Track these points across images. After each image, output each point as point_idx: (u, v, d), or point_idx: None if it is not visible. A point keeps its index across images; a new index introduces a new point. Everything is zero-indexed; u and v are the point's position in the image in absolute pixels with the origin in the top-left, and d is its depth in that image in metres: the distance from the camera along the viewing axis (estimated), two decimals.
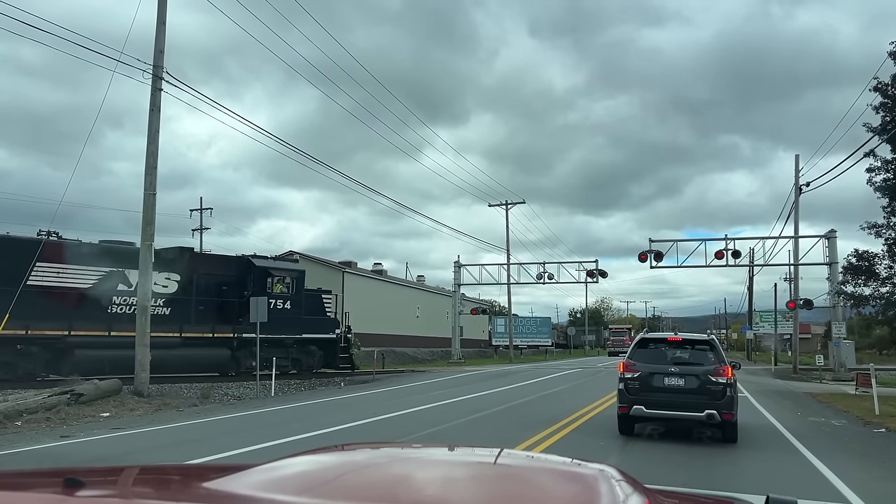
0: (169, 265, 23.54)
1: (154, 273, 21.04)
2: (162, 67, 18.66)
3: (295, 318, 26.97)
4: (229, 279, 25.85)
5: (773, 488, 2.68)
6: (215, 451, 10.14)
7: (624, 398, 12.20)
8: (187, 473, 2.21)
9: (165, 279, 23.40)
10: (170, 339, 22.65)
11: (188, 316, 23.70)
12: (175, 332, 23.10)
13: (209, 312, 24.73)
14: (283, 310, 26.40)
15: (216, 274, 25.59)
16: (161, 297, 22.87)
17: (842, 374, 33.28)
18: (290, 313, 26.75)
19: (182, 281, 23.84)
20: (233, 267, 26.43)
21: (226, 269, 26.17)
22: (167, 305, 23.29)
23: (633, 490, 1.86)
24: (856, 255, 25.73)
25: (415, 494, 1.75)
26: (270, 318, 23.98)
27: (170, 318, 23.12)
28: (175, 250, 25.13)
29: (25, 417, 13.69)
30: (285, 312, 26.46)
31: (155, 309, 21.50)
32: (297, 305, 27.19)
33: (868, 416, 16.37)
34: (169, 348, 22.30)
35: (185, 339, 23.33)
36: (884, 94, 22.88)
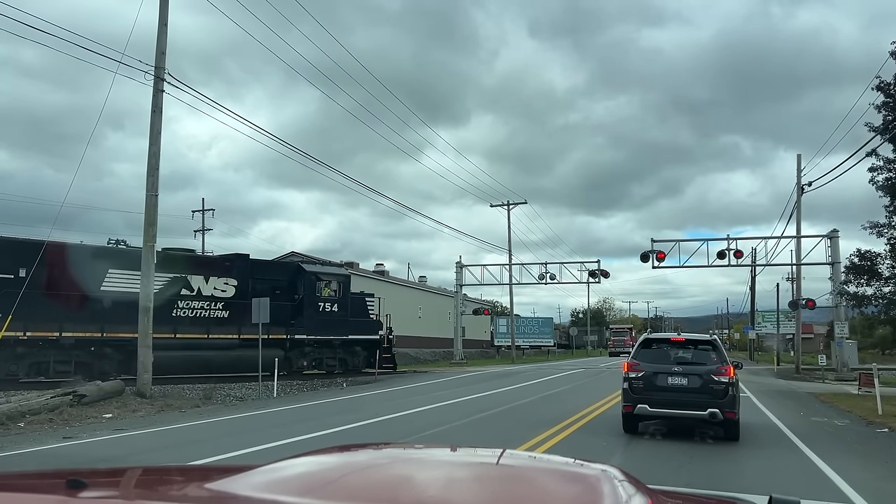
0: (227, 271, 25.47)
1: (213, 278, 24.40)
2: (164, 69, 18.68)
3: (342, 321, 28.58)
4: (281, 284, 27.13)
5: (775, 488, 2.68)
6: (218, 452, 10.14)
7: (628, 397, 12.41)
8: (190, 474, 2.21)
9: (224, 284, 25.14)
10: (230, 341, 24.49)
11: (245, 319, 24.27)
12: (234, 335, 24.70)
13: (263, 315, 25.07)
14: (330, 312, 28.10)
15: (269, 279, 26.84)
16: (220, 301, 24.71)
17: (844, 373, 33.24)
18: (337, 316, 28.39)
19: (239, 285, 25.39)
20: (284, 272, 28.17)
21: (278, 275, 27.70)
22: (226, 309, 24.88)
23: (635, 490, 1.85)
24: (858, 255, 25.68)
25: (417, 495, 1.75)
26: (320, 320, 27.29)
27: (228, 321, 24.74)
28: (233, 256, 27.00)
29: (28, 418, 13.71)
30: (333, 315, 28.17)
31: (215, 312, 24.36)
32: (343, 308, 28.77)
33: (871, 416, 16.34)
34: (229, 349, 24.27)
35: (242, 341, 24.58)
36: (886, 94, 22.82)
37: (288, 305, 26.41)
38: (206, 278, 24.66)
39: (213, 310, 24.43)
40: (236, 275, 25.62)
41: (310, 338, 27.20)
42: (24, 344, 19.91)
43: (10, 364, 19.91)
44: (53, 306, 20.23)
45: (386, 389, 22.44)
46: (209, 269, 25.38)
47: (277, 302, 25.45)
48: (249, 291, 25.13)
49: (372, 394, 21.08)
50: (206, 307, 24.52)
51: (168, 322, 22.56)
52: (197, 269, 24.42)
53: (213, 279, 24.69)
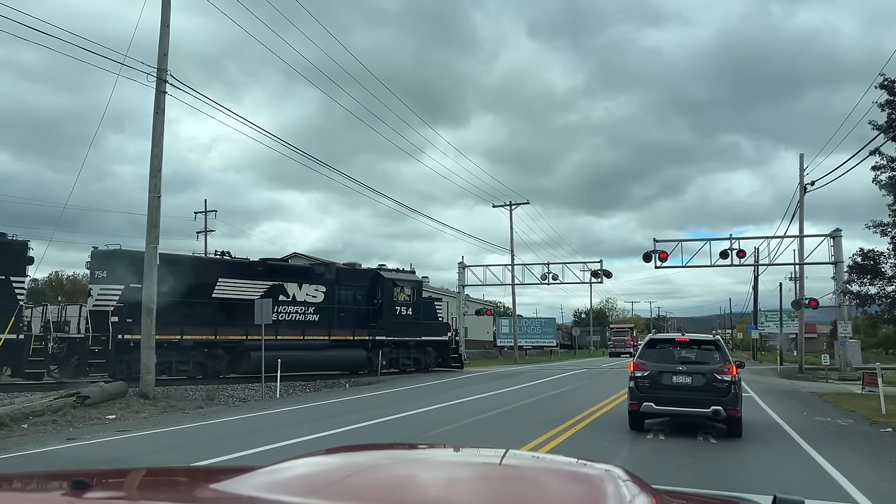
0: (317, 278, 28.15)
1: (305, 285, 27.27)
2: (166, 70, 18.70)
3: (415, 323, 31.31)
4: (362, 289, 29.97)
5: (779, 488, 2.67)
6: (221, 453, 10.15)
7: (634, 395, 12.74)
8: (193, 475, 2.21)
9: (315, 290, 27.73)
10: (321, 342, 27.16)
11: (333, 322, 27.82)
12: (324, 336, 27.47)
13: (349, 318, 28.89)
14: (405, 316, 30.83)
15: (352, 285, 29.73)
16: (312, 306, 27.47)
17: (847, 373, 33.17)
18: (412, 319, 31.10)
19: (327, 292, 28.07)
20: (365, 279, 30.64)
21: (359, 281, 30.29)
22: (317, 313, 27.61)
23: (639, 490, 1.85)
24: (861, 254, 25.58)
25: (420, 496, 1.75)
26: (397, 323, 30.12)
27: (319, 324, 27.48)
28: (322, 265, 30.19)
29: (32, 420, 13.73)
30: (408, 318, 30.91)
31: (308, 316, 27.28)
32: (416, 312, 31.50)
33: (874, 416, 16.31)
34: (320, 350, 26.91)
35: (332, 342, 27.59)
36: (890, 92, 22.75)
37: (369, 309, 29.55)
38: (299, 285, 27.29)
39: (306, 314, 27.35)
40: (324, 282, 28.24)
41: (388, 339, 29.96)
42: None
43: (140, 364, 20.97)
44: (175, 312, 22.11)
45: (389, 390, 22.44)
46: (302, 277, 27.90)
47: (359, 306, 29.44)
48: (336, 297, 28.21)
49: (375, 395, 21.07)
50: (301, 311, 27.27)
51: (270, 325, 24.16)
52: (292, 277, 27.27)
53: (306, 286, 27.47)
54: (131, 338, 21.32)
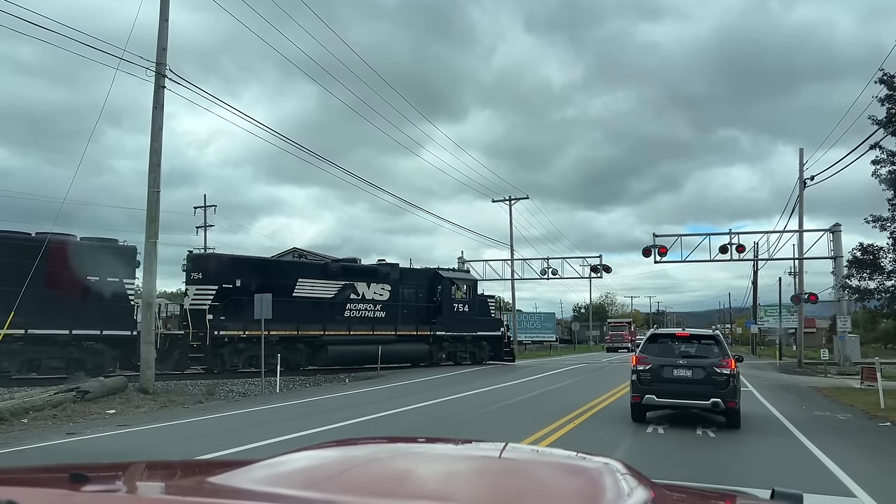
0: (383, 277, 30.19)
1: (374, 284, 29.46)
2: (165, 65, 18.66)
3: (471, 319, 33.43)
4: (423, 288, 32.18)
5: (778, 482, 2.68)
6: (221, 447, 10.16)
7: (637, 388, 13.17)
8: (192, 469, 2.21)
9: (381, 289, 29.84)
10: (388, 337, 29.32)
11: (398, 318, 30.09)
12: (391, 331, 29.65)
13: (411, 315, 30.98)
14: (462, 312, 32.97)
15: (414, 284, 31.86)
16: (379, 304, 29.67)
17: (846, 368, 33.22)
18: (468, 315, 33.18)
19: (392, 290, 30.17)
20: (425, 278, 32.91)
21: (420, 280, 32.55)
22: (383, 310, 29.78)
23: (638, 483, 1.85)
24: (861, 249, 25.59)
25: (419, 489, 1.75)
26: (455, 319, 32.36)
27: (385, 320, 29.65)
28: (387, 265, 31.52)
29: (32, 415, 13.74)
30: (465, 314, 33.06)
31: (376, 312, 29.47)
32: (472, 308, 33.60)
33: (873, 410, 16.34)
34: (387, 344, 28.89)
35: (398, 337, 29.84)
36: (889, 87, 22.73)
37: (430, 307, 31.80)
38: (368, 284, 29.46)
39: (374, 311, 29.55)
40: (390, 281, 30.31)
41: (448, 334, 32.22)
42: (244, 341, 24.56)
43: (234, 357, 24.70)
44: None
45: (388, 385, 22.46)
46: (370, 276, 29.97)
47: (420, 304, 31.65)
48: (400, 295, 30.46)
49: (375, 389, 21.09)
50: (370, 309, 29.46)
51: (343, 321, 28.00)
52: (361, 277, 29.49)
53: (374, 285, 29.64)
54: (226, 333, 24.30)
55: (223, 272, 25.19)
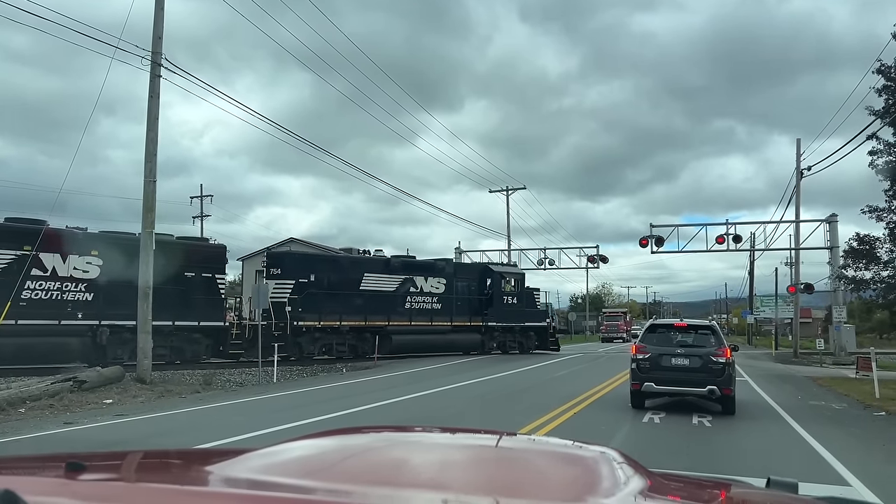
0: (439, 272, 32.58)
1: (430, 278, 31.76)
2: (161, 54, 18.56)
3: (520, 311, 35.19)
4: (474, 281, 34.34)
5: (773, 471, 2.69)
6: (218, 436, 10.18)
7: (636, 376, 13.73)
8: (189, 457, 2.21)
9: (437, 282, 32.13)
10: (444, 327, 31.77)
11: (453, 310, 32.27)
12: (447, 322, 31.91)
13: (465, 307, 33.07)
14: (511, 304, 34.75)
15: (466, 278, 34.15)
16: (435, 296, 31.91)
17: (842, 358, 33.35)
18: (517, 307, 34.96)
19: (447, 284, 32.40)
20: (476, 272, 35.52)
21: (471, 274, 35.07)
22: (439, 302, 31.97)
23: (634, 472, 1.86)
24: (857, 239, 25.67)
25: (416, 478, 1.75)
26: (504, 310, 34.19)
27: (441, 312, 31.85)
28: (442, 261, 34.52)
29: (29, 404, 13.75)
30: (514, 306, 34.83)
31: (433, 304, 31.69)
32: (520, 301, 35.36)
33: (868, 400, 16.43)
34: (443, 334, 31.57)
35: (453, 327, 32.17)
36: (887, 77, 22.74)
37: (482, 299, 33.84)
38: (425, 278, 31.71)
39: (431, 303, 31.69)
40: (444, 275, 32.60)
41: (498, 325, 34.13)
42: (319, 331, 27.28)
43: (310, 345, 27.15)
44: (334, 302, 27.51)
45: (385, 375, 22.49)
46: (427, 271, 32.25)
47: (472, 296, 33.72)
48: (454, 288, 32.65)
49: (372, 379, 21.13)
50: (427, 301, 31.61)
51: (405, 313, 30.43)
52: (420, 272, 31.73)
53: (430, 279, 31.90)
54: (303, 324, 26.62)
55: (299, 268, 27.67)
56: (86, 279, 21.46)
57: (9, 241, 20.10)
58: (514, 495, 1.57)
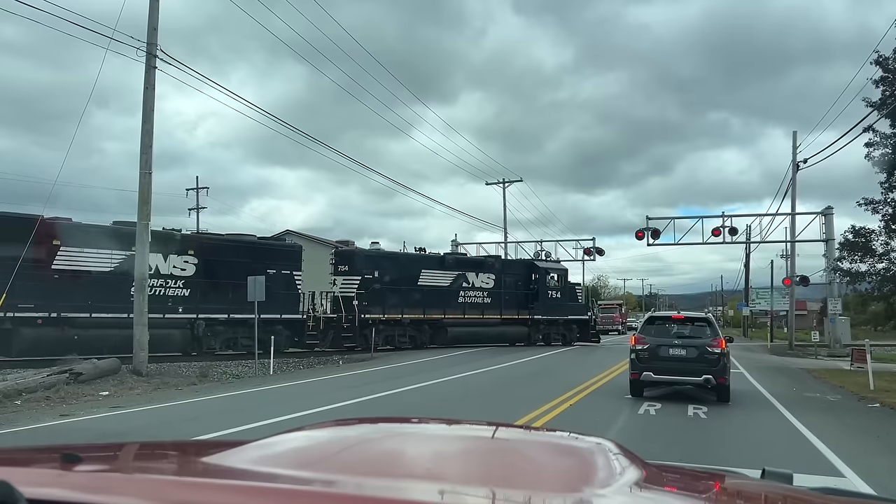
0: (489, 268, 34.81)
1: (481, 274, 33.97)
2: (156, 45, 18.44)
3: (563, 305, 36.94)
4: (521, 277, 36.06)
5: (768, 462, 2.70)
6: (215, 428, 10.19)
7: (635, 366, 14.26)
8: (185, 449, 2.21)
9: (487, 278, 34.24)
10: (494, 320, 33.86)
11: (502, 304, 34.33)
12: (497, 315, 34.03)
13: (512, 301, 34.89)
14: (555, 298, 36.51)
15: (513, 273, 36.01)
16: (485, 291, 34.01)
17: (837, 350, 33.48)
18: (560, 301, 36.71)
19: (496, 279, 34.49)
20: (522, 267, 37.30)
21: (518, 270, 36.80)
22: (489, 296, 34.08)
23: (630, 463, 1.86)
24: (853, 232, 25.73)
25: (412, 469, 1.75)
26: (549, 304, 36.08)
27: (491, 306, 34.00)
28: (492, 258, 37.44)
29: (25, 396, 13.73)
30: (557, 300, 36.57)
31: (483, 299, 33.81)
32: (564, 295, 37.04)
33: (863, 392, 16.51)
34: (493, 326, 33.63)
35: (503, 320, 34.20)
36: (884, 68, 22.73)
37: (528, 293, 35.63)
38: (476, 274, 33.83)
39: (482, 297, 33.87)
40: (494, 271, 34.68)
41: (543, 318, 35.79)
42: (383, 323, 29.57)
43: (375, 337, 28.37)
44: (396, 297, 29.97)
45: (381, 367, 22.52)
46: (478, 267, 34.52)
47: (518, 291, 35.57)
48: (502, 283, 34.60)
49: (368, 371, 21.15)
50: (478, 295, 33.75)
51: (459, 307, 32.64)
52: (471, 268, 34.12)
53: (481, 275, 34.02)
54: (370, 317, 28.78)
55: (364, 264, 29.98)
56: (183, 277, 23.66)
57: (119, 242, 21.72)
58: (510, 486, 1.57)
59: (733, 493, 2.09)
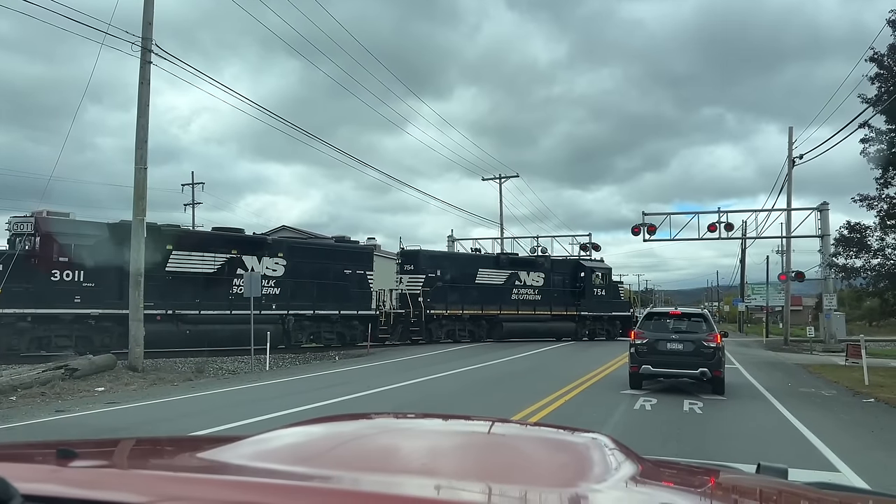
0: (539, 267, 37.30)
1: (532, 273, 36.49)
2: (151, 40, 18.38)
3: (607, 302, 39.03)
4: (568, 275, 38.44)
5: (763, 457, 2.72)
6: (211, 424, 10.18)
7: (635, 359, 14.89)
8: (180, 444, 2.21)
9: (538, 276, 36.77)
10: (545, 316, 36.31)
11: (551, 300, 36.68)
12: (547, 311, 36.39)
13: (560, 298, 37.31)
14: (600, 296, 38.64)
15: (561, 272, 38.35)
16: (536, 289, 36.57)
17: (832, 345, 33.60)
18: (605, 298, 38.82)
19: (545, 278, 37.07)
20: (569, 267, 39.45)
21: (565, 269, 38.97)
22: (539, 294, 36.58)
23: (625, 458, 1.86)
24: (848, 227, 25.80)
25: (408, 464, 1.75)
26: (594, 301, 38.24)
27: (542, 302, 36.43)
28: (541, 257, 39.31)
29: (20, 392, 13.70)
30: (602, 298, 38.69)
31: (532, 296, 36.29)
32: (608, 293, 39.23)
33: (858, 387, 16.56)
34: (544, 322, 36.16)
35: (553, 316, 36.57)
36: (880, 65, 22.77)
37: (575, 291, 37.99)
38: (528, 273, 36.35)
39: (533, 294, 36.37)
40: (543, 270, 37.18)
41: (589, 314, 37.96)
42: (446, 318, 32.65)
43: (438, 331, 32.24)
44: (456, 294, 32.81)
45: (378, 363, 22.53)
46: (530, 266, 36.92)
47: (565, 288, 37.97)
48: (551, 281, 37.22)
49: (365, 367, 21.15)
50: (530, 293, 36.27)
51: (512, 303, 35.13)
52: (523, 267, 36.59)
53: (532, 273, 36.55)
54: (434, 312, 31.87)
55: (428, 264, 32.80)
56: (274, 277, 25.98)
57: (221, 246, 24.65)
58: (506, 481, 1.57)
59: (728, 487, 2.09)
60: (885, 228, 24.60)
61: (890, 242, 24.70)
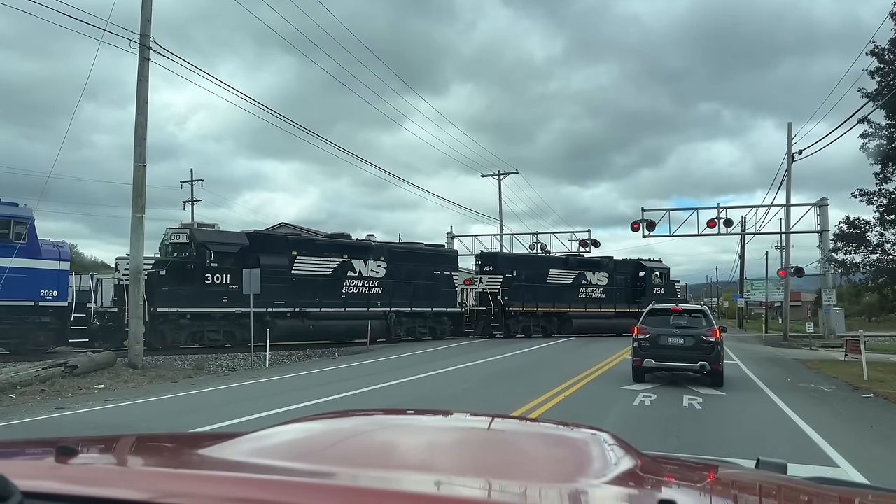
0: (603, 267, 40.02)
1: (597, 273, 39.46)
2: (149, 37, 18.35)
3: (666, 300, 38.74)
4: (629, 274, 41.25)
5: (762, 452, 2.72)
6: (211, 421, 10.17)
7: (637, 353, 15.61)
8: (180, 441, 2.21)
9: (602, 276, 39.66)
10: (609, 313, 39.03)
11: (614, 299, 39.69)
12: (612, 309, 39.20)
13: (622, 296, 40.19)
14: (660, 294, 39.79)
15: (623, 272, 41.07)
16: (600, 287, 39.42)
17: (831, 340, 33.62)
18: (664, 296, 39.15)
19: (609, 277, 39.90)
20: (631, 266, 41.98)
21: (627, 269, 41.61)
22: (604, 292, 39.50)
23: (625, 453, 1.87)
24: (847, 223, 25.78)
25: (406, 460, 1.75)
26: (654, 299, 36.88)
27: (606, 300, 39.39)
28: (606, 258, 41.61)
29: (20, 390, 13.70)
30: (661, 296, 39.13)
31: (597, 294, 39.20)
32: (667, 291, 41.14)
33: (857, 382, 16.58)
34: (609, 318, 38.68)
35: (616, 313, 39.11)
36: (880, 59, 22.72)
37: (635, 290, 40.56)
38: (593, 273, 39.32)
39: (598, 293, 39.24)
40: (607, 270, 39.98)
41: None
42: (522, 315, 35.86)
43: (515, 326, 35.57)
44: (530, 292, 35.80)
45: (378, 359, 22.54)
46: (595, 267, 39.77)
47: (626, 287, 40.72)
48: (614, 281, 39.96)
49: (365, 363, 21.16)
50: (595, 291, 39.19)
51: (580, 301, 38.13)
52: (589, 267, 39.49)
53: (597, 273, 39.50)
54: (511, 309, 35.23)
55: (505, 265, 36.32)
56: (378, 278, 29.36)
57: (335, 251, 28.23)
58: (506, 477, 1.57)
59: (728, 482, 2.09)
60: (884, 224, 24.57)
61: (889, 238, 24.69)
